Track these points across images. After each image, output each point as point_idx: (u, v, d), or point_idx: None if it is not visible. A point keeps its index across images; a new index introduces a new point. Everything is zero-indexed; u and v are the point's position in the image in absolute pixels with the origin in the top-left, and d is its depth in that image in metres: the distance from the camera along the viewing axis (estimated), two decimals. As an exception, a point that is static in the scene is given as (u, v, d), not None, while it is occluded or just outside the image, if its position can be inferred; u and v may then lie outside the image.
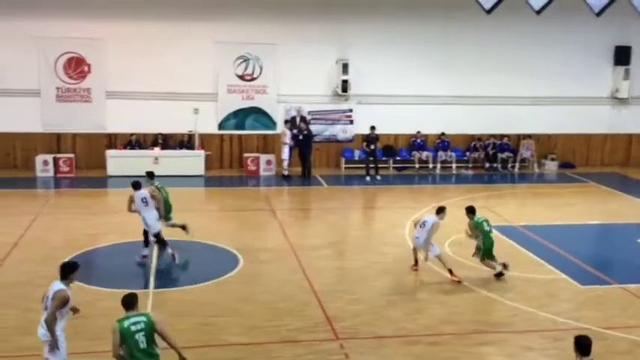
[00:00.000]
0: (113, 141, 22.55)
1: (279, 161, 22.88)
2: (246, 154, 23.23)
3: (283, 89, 23.33)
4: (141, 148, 22.25)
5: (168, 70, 22.21)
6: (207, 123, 22.87)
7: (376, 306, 11.59)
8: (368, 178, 22.62)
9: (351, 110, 23.95)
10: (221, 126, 23.45)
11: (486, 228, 12.91)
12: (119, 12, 21.68)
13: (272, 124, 23.66)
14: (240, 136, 23.61)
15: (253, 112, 23.53)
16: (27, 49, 21.31)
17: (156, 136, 22.49)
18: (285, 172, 22.59)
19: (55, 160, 21.73)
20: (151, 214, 13.67)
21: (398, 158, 24.30)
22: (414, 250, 13.28)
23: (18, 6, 21.00)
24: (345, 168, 23.99)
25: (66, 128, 22.29)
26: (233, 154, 23.68)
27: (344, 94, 23.46)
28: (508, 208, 18.81)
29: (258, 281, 12.76)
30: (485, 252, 12.87)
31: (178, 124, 22.43)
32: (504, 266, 12.99)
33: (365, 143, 22.87)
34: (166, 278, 12.62)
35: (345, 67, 23.15)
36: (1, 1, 20.90)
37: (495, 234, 13.55)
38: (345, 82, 23.23)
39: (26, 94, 21.69)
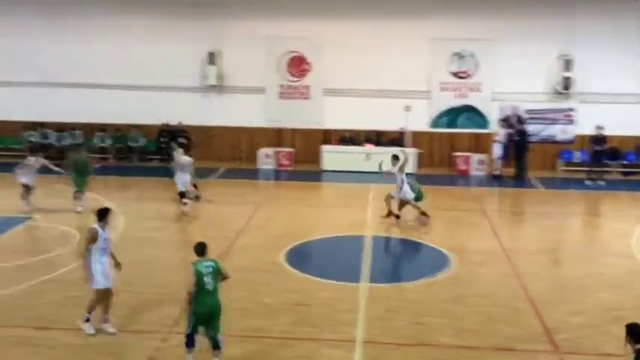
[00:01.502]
0: (328, 137, 23.43)
1: (491, 161, 22.25)
2: (456, 153, 22.91)
3: (499, 87, 22.65)
4: (354, 144, 22.88)
5: (382, 67, 22.61)
6: (418, 120, 22.92)
7: (601, 320, 10.80)
8: (589, 182, 21.19)
9: (571, 109, 22.61)
10: (433, 124, 23.35)
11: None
12: (338, 11, 22.48)
13: (485, 122, 23.08)
14: (451, 134, 23.35)
15: (466, 111, 23.14)
16: (255, 49, 22.85)
17: (368, 132, 22.98)
18: (496, 172, 21.91)
19: (276, 154, 23.10)
20: None
21: (625, 162, 22.46)
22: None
23: (253, 8, 22.55)
24: (563, 170, 22.70)
25: (286, 124, 23.56)
26: (443, 152, 23.49)
27: (565, 92, 22.18)
28: None
29: (469, 283, 12.50)
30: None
31: (390, 121, 22.73)
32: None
33: (591, 144, 21.39)
34: (379, 274, 12.79)
35: (567, 64, 21.88)
36: (238, 4, 22.56)
37: None
38: (567, 79, 21.96)
39: (252, 91, 23.27)
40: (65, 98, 23.33)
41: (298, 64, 23.29)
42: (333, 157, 22.46)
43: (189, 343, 8.81)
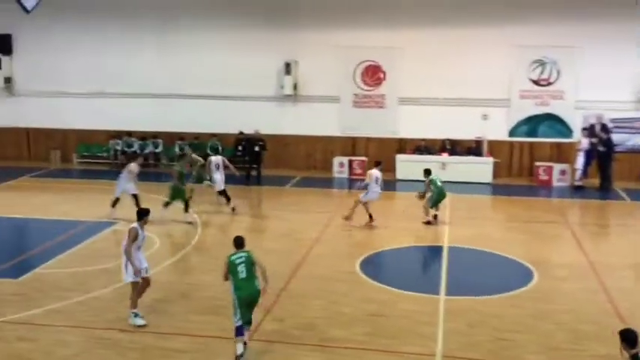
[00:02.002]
0: (403, 145, 23.24)
1: (574, 171, 21.53)
2: (537, 163, 22.29)
3: (582, 95, 21.92)
4: (429, 153, 22.60)
5: (459, 75, 22.27)
6: (496, 129, 22.46)
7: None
8: (681, 195, 20.23)
9: (659, 118, 21.67)
10: (511, 132, 22.82)
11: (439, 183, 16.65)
12: (414, 20, 22.30)
13: (568, 131, 22.38)
14: (531, 143, 22.75)
15: (547, 119, 22.50)
16: (330, 59, 22.94)
17: (444, 141, 22.67)
18: (578, 183, 21.18)
19: (350, 163, 23.08)
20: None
21: None
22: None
23: (328, 19, 22.71)
24: (652, 182, 21.74)
25: (361, 132, 23.52)
26: (523, 162, 22.90)
27: (652, 100, 21.29)
28: None
29: (555, 299, 12.08)
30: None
31: (467, 130, 22.36)
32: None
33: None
34: (458, 286, 12.54)
35: (656, 71, 20.99)
36: (314, 15, 22.73)
37: None
38: (654, 87, 21.07)
39: (327, 100, 23.36)
40: (148, 108, 24.03)
41: (373, 73, 23.23)
42: (407, 166, 22.24)
43: (239, 332, 9.61)
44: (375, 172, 16.83)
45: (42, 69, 24.53)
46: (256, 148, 22.32)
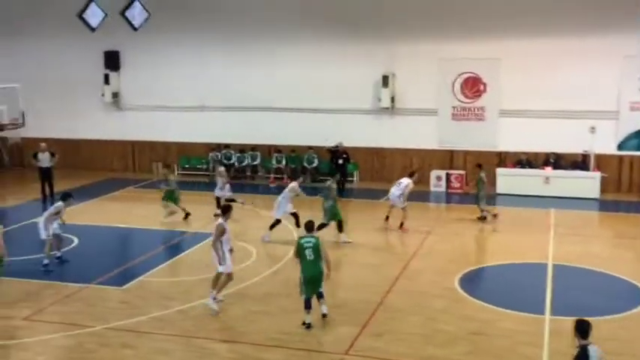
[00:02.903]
0: (503, 159, 22.57)
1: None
2: (652, 179, 21.08)
3: (701, 106, 20.59)
4: (531, 167, 21.84)
5: (563, 86, 21.45)
6: (604, 143, 21.43)
7: None
8: None
9: None
10: (620, 146, 21.69)
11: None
12: (516, 30, 21.64)
13: (682, 145, 21.05)
14: (642, 157, 21.56)
15: (660, 132, 21.27)
16: (429, 71, 22.64)
17: (547, 155, 21.83)
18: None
19: (448, 176, 22.63)
20: None
21: None
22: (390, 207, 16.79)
23: (427, 30, 22.43)
24: None
25: (459, 146, 23.04)
26: (633, 177, 21.73)
27: None
28: None
29: (670, 322, 11.30)
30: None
31: (572, 143, 21.49)
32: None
33: None
34: (564, 305, 11.94)
35: None
36: (412, 27, 22.56)
37: None
38: None
39: (425, 113, 23.04)
40: (246, 121, 24.53)
41: (473, 85, 22.71)
42: (508, 180, 21.57)
43: (307, 306, 11.04)
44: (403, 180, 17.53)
45: (146, 84, 25.56)
46: (340, 161, 22.30)
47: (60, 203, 14.65)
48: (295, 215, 16.46)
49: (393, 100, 23.18)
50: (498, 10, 21.83)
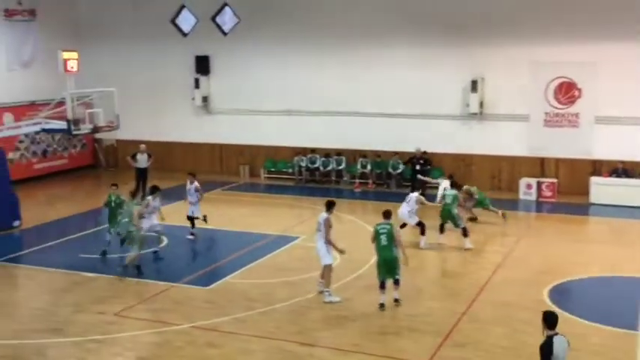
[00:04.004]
0: (598, 168, 21.61)
1: None
2: None
3: None
4: (628, 176, 20.80)
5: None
6: None
7: None
8: None
9: None
10: None
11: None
12: (613, 34, 20.63)
13: None
14: None
15: None
16: (520, 75, 21.96)
17: (645, 164, 20.75)
18: None
19: (538, 184, 21.88)
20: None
21: None
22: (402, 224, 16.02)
23: (519, 33, 21.80)
24: None
25: (551, 153, 22.24)
26: None
27: None
28: None
29: None
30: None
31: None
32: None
33: None
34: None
35: None
36: (503, 30, 22.03)
37: None
38: None
39: (515, 119, 22.37)
40: (331, 126, 24.56)
41: (567, 91, 21.84)
42: (603, 189, 20.59)
43: (382, 286, 12.07)
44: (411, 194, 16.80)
45: (235, 88, 26.03)
46: (417, 167, 21.93)
47: (149, 197, 15.14)
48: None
49: (481, 105, 22.64)
50: (594, 12, 20.87)
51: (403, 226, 16.33)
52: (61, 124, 17.40)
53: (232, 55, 25.75)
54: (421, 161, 22.00)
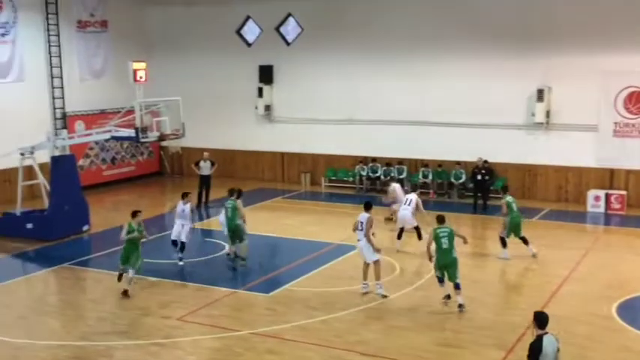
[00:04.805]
0: (671, 180, 20.84)
1: None
2: None
3: None
4: (703, 189, 19.97)
5: None
6: None
7: None
8: None
9: None
10: None
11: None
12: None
13: None
14: None
15: None
16: (589, 85, 21.37)
17: None
18: None
19: (607, 196, 21.21)
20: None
21: None
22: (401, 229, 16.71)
23: (588, 42, 21.26)
24: None
25: (620, 164, 21.54)
26: None
27: None
28: None
29: None
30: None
31: None
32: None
33: None
34: None
35: None
36: (572, 39, 21.52)
37: None
38: None
39: (582, 129, 21.79)
40: (393, 135, 24.46)
41: (637, 100, 21.08)
42: (675, 203, 19.89)
43: (440, 281, 12.72)
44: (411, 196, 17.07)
45: (297, 97, 26.25)
46: (478, 177, 21.53)
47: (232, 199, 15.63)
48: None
49: (548, 114, 22.14)
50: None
51: (401, 231, 16.81)
52: (130, 132, 17.87)
53: (295, 64, 25.98)
54: (483, 171, 21.63)
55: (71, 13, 25.06)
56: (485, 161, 21.78)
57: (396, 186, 19.34)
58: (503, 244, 15.95)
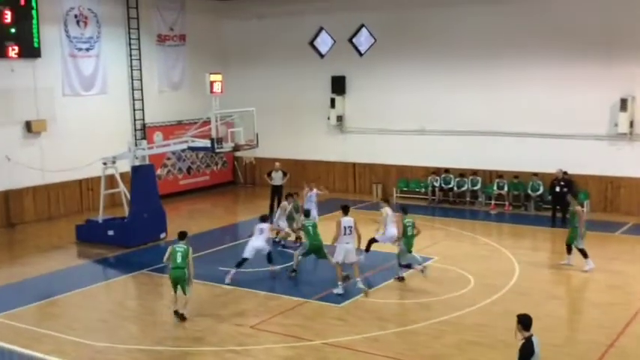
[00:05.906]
0: None
1: None
2: None
3: None
4: None
5: None
6: None
7: None
8: None
9: None
10: None
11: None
12: None
13: None
14: None
15: None
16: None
17: None
18: None
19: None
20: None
21: None
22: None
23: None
24: None
25: None
26: None
27: None
28: None
29: None
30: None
31: None
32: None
33: None
34: None
35: None
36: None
37: None
38: None
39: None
40: (466, 145, 24.07)
41: None
42: None
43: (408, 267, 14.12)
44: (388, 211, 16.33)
45: (368, 108, 26.20)
46: (557, 189, 20.81)
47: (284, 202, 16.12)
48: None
49: (631, 124, 21.30)
50: None
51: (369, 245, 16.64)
52: (206, 143, 18.24)
53: (367, 75, 25.98)
54: (562, 183, 20.95)
55: (152, 28, 25.92)
56: (565, 172, 21.12)
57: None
58: (584, 254, 15.42)
